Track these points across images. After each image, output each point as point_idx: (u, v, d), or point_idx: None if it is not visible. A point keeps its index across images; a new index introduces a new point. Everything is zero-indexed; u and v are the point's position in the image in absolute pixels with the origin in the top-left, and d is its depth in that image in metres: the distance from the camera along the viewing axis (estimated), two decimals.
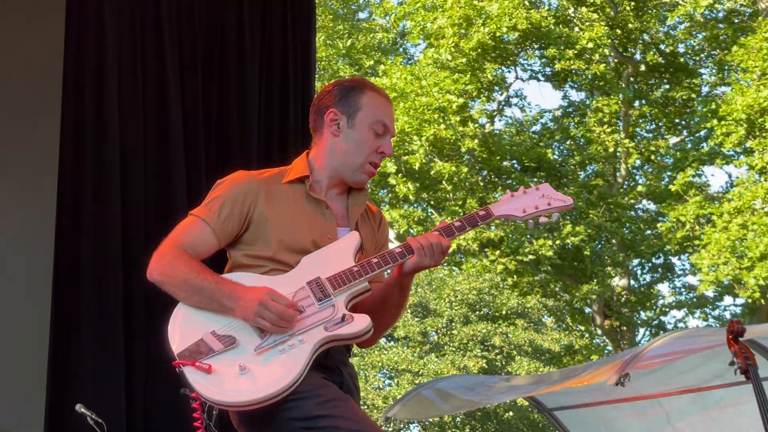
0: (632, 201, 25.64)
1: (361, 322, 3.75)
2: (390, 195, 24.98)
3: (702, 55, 26.31)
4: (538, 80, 26.66)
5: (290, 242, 3.92)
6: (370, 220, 4.19)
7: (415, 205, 25.12)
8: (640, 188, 25.79)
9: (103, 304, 7.54)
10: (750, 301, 22.56)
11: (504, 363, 21.96)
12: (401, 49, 28.21)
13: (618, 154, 25.41)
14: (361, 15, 27.73)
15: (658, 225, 24.58)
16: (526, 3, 24.40)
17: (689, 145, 25.23)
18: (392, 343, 25.67)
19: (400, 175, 23.73)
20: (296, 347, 3.70)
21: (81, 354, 7.45)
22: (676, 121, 26.32)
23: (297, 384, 3.64)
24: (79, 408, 6.75)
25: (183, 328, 3.80)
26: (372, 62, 26.66)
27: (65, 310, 7.46)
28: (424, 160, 23.46)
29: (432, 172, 23.89)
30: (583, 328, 25.67)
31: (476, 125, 24.76)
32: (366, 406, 24.91)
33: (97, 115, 7.84)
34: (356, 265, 3.83)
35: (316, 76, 9.83)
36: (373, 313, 3.86)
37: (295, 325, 3.72)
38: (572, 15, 24.95)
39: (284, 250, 3.91)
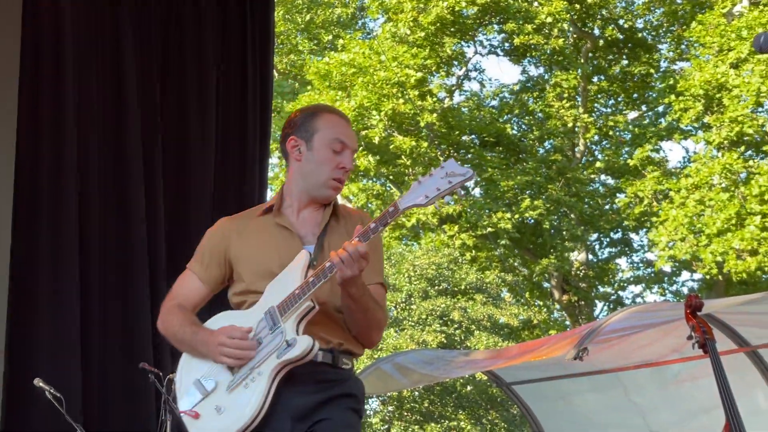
0: (591, 176, 25.73)
1: (303, 342, 4.01)
2: None
3: (660, 31, 26.43)
4: (497, 55, 26.71)
5: (260, 271, 4.22)
6: (343, 225, 4.33)
7: (374, 179, 25.13)
8: (598, 164, 25.89)
9: (58, 281, 7.51)
10: (707, 277, 22.72)
11: (463, 338, 22.00)
12: (360, 24, 28.15)
13: (576, 129, 25.50)
14: None
15: (617, 200, 24.69)
16: None
17: (647, 121, 25.36)
18: None
19: (359, 149, 23.67)
20: (257, 379, 4.05)
21: (38, 331, 7.43)
22: (635, 96, 26.44)
23: (260, 414, 4.00)
24: (38, 382, 6.73)
25: (181, 377, 4.30)
26: (330, 37, 26.64)
27: (22, 290, 7.44)
28: (383, 135, 23.44)
29: (391, 147, 23.87)
30: (541, 302, 25.79)
31: (435, 100, 24.74)
32: None
33: (54, 106, 7.78)
34: (297, 287, 4.05)
35: (275, 50, 9.81)
36: (351, 322, 4.18)
37: (255, 355, 4.06)
38: None
39: (258, 279, 4.23)
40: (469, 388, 22.26)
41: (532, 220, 24.20)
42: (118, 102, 8.11)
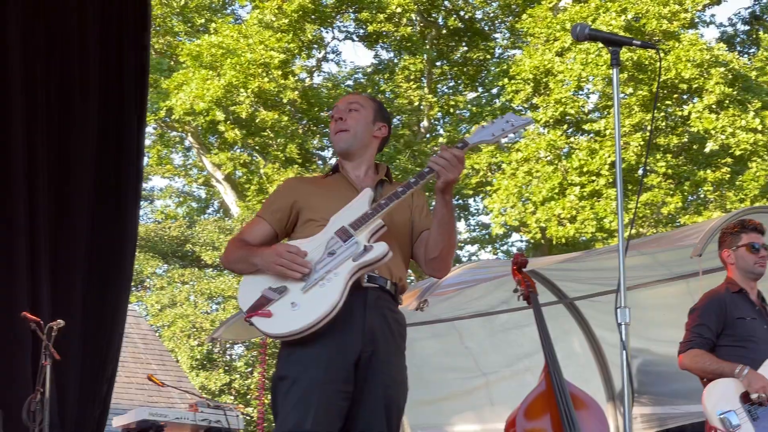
0: (434, 148, 25.87)
1: (379, 247, 4.10)
2: (219, 140, 24.75)
3: (496, 22, 26.61)
4: (353, 40, 26.69)
5: (328, 211, 4.27)
6: (395, 186, 4.38)
7: (241, 150, 24.94)
8: (441, 138, 26.02)
9: None
10: (534, 241, 23.10)
11: None
12: (230, 10, 27.85)
13: (422, 107, 25.61)
14: None
15: None
16: None
17: (483, 101, 25.50)
18: (219, 271, 25.53)
19: (228, 122, 23.53)
20: (333, 280, 4.06)
21: None
22: (473, 79, 26.60)
23: (336, 308, 4.01)
24: None
25: (244, 292, 4.20)
26: (203, 21, 26.29)
27: None
28: (249, 110, 23.31)
29: (257, 121, 23.75)
30: None
31: (297, 79, 24.66)
32: (195, 329, 24.78)
33: None
34: (370, 208, 4.19)
35: (152, 32, 9.67)
36: (437, 241, 4.27)
37: (331, 262, 4.10)
38: None
39: (324, 216, 4.27)
40: None
41: None
42: (3, 85, 7.92)
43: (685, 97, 22.63)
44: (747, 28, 27.99)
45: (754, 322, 5.92)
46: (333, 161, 25.22)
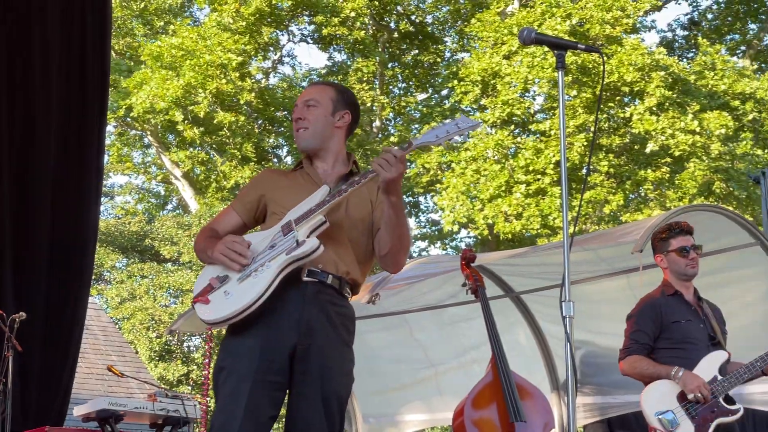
0: (385, 147, 25.88)
1: (310, 242, 4.09)
2: (177, 139, 24.63)
3: (446, 26, 26.66)
4: (308, 43, 26.66)
5: (288, 205, 4.28)
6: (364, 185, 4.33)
7: (199, 148, 24.82)
8: (392, 138, 26.05)
9: None
10: (481, 237, 23.16)
11: None
12: (188, 12, 27.71)
13: (374, 108, 25.60)
14: None
15: (408, 170, 24.85)
16: None
17: (434, 102, 25.55)
18: (178, 266, 25.39)
19: (186, 122, 23.41)
20: (264, 271, 4.09)
21: None
22: (423, 81, 26.63)
23: (260, 299, 4.04)
24: None
25: (199, 280, 4.27)
26: (162, 23, 26.15)
27: None
28: (207, 110, 23.20)
29: (215, 120, 23.66)
30: None
31: (253, 80, 24.58)
32: (154, 321, 24.64)
33: None
34: (315, 205, 4.17)
35: (112, 33, 9.60)
36: (386, 239, 4.24)
37: (268, 255, 4.14)
38: None
39: (285, 210, 4.28)
40: None
41: None
42: None
43: (626, 99, 22.81)
44: (686, 33, 28.27)
45: (690, 324, 5.95)
46: (288, 159, 25.10)
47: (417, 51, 26.28)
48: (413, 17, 26.28)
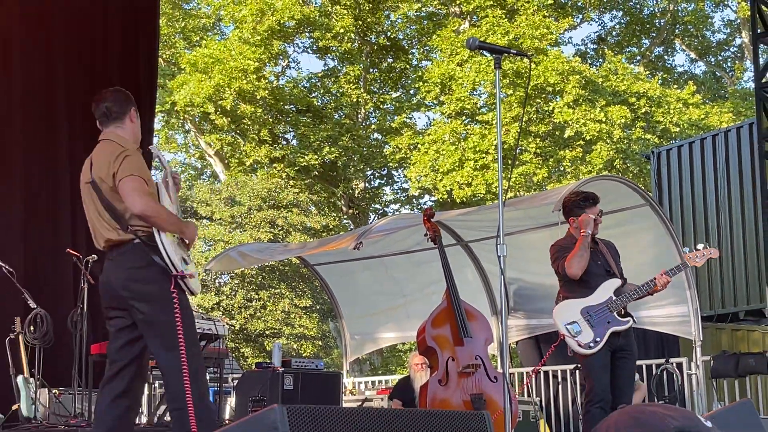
0: (368, 133, 25.85)
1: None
2: (210, 126, 24.53)
3: (414, 40, 26.55)
4: (308, 53, 26.50)
5: None
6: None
7: (226, 133, 24.72)
8: (373, 126, 26.02)
9: None
10: (440, 200, 23.23)
11: (284, 236, 21.96)
12: (217, 29, 27.52)
13: (359, 102, 25.53)
14: (189, 5, 26.80)
15: (384, 149, 24.87)
16: (300, 1, 24.19)
17: (404, 98, 25.53)
18: (210, 221, 25.34)
19: (217, 112, 23.36)
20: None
21: None
22: (396, 82, 26.54)
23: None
24: None
25: (172, 252, 4.20)
26: (198, 38, 26.00)
27: None
28: (233, 104, 23.15)
29: (238, 112, 23.61)
30: (335, 214, 25.88)
31: (267, 81, 24.45)
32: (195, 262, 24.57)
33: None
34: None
35: (159, 46, 9.60)
36: None
37: None
38: (330, 10, 24.79)
39: None
40: (287, 267, 22.26)
41: (330, 161, 24.27)
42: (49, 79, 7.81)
43: (550, 96, 22.81)
44: (595, 46, 28.30)
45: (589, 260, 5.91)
46: (295, 142, 24.96)
47: (391, 59, 26.18)
48: (389, 33, 26.17)
